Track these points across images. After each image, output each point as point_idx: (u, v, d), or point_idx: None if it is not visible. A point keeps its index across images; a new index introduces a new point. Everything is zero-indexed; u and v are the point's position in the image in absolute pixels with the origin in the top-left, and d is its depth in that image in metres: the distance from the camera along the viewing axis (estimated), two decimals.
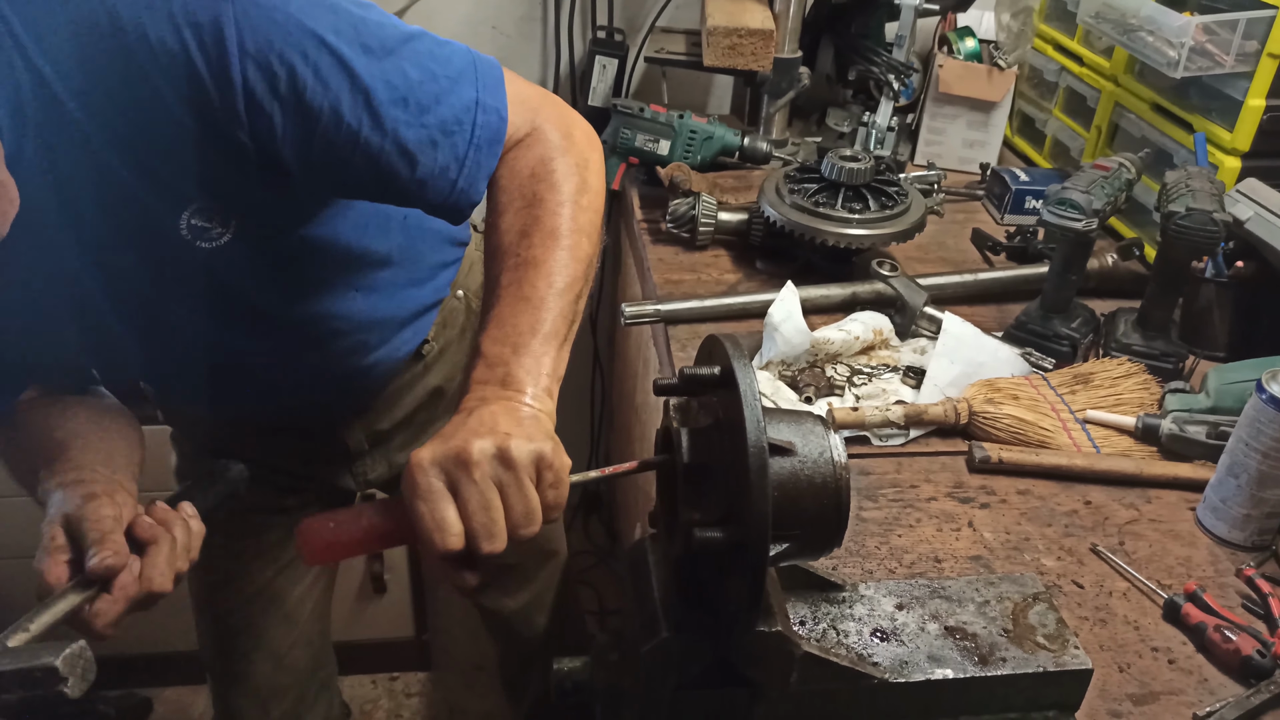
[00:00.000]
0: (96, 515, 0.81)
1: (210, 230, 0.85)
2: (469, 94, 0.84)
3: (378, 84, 0.79)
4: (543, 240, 0.83)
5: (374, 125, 0.80)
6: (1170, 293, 1.27)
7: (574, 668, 0.82)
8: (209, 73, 0.73)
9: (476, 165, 0.86)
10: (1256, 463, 1.00)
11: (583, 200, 0.86)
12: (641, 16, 1.96)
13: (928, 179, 1.71)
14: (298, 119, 0.78)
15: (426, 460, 0.71)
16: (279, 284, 0.96)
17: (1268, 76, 1.31)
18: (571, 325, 0.83)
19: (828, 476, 0.70)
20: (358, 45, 0.78)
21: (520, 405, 0.76)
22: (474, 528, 0.70)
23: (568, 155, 0.88)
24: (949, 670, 0.79)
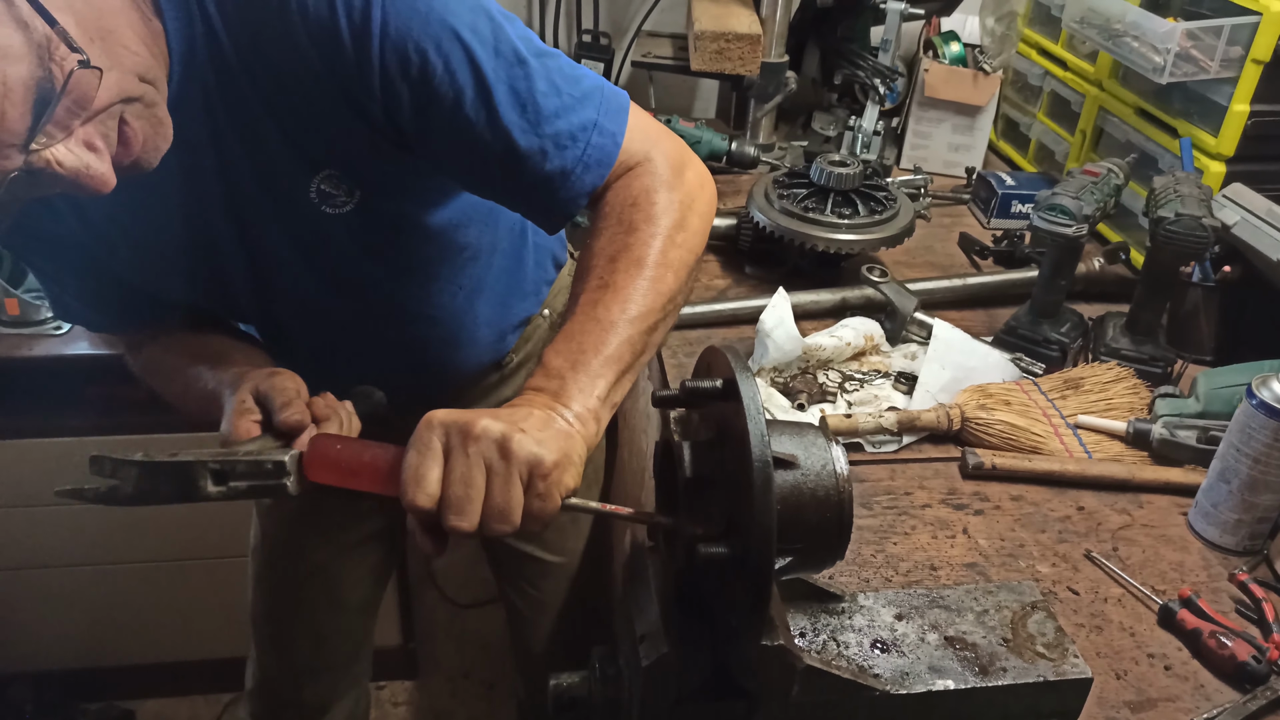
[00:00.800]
0: (282, 386, 0.88)
1: (336, 197, 0.91)
2: (589, 115, 0.87)
3: (501, 86, 0.83)
4: (627, 267, 0.84)
5: (489, 123, 0.84)
6: (1159, 297, 1.28)
7: (572, 682, 0.81)
8: (353, 48, 0.79)
9: (581, 181, 0.88)
10: (1247, 468, 1.00)
11: (678, 237, 0.87)
12: (627, 20, 1.95)
13: (914, 183, 1.71)
14: (423, 102, 0.83)
15: (436, 420, 0.72)
16: (388, 260, 1.01)
17: (1252, 82, 1.32)
18: (639, 356, 0.83)
19: (830, 489, 0.70)
20: (491, 47, 0.83)
21: (558, 417, 0.76)
22: (448, 495, 0.71)
23: (674, 191, 0.89)
24: (950, 681, 0.79)
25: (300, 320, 1.05)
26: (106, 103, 0.70)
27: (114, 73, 0.70)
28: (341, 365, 1.11)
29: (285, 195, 0.90)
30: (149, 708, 2.14)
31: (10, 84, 0.65)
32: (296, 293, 1.01)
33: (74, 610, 1.94)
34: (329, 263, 0.98)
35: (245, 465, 0.76)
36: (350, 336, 1.08)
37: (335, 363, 1.11)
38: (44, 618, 1.95)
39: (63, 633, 1.98)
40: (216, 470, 0.75)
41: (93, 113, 0.70)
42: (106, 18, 0.71)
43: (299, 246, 0.96)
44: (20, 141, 0.66)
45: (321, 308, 1.04)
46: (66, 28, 0.67)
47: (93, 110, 0.69)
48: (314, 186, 0.89)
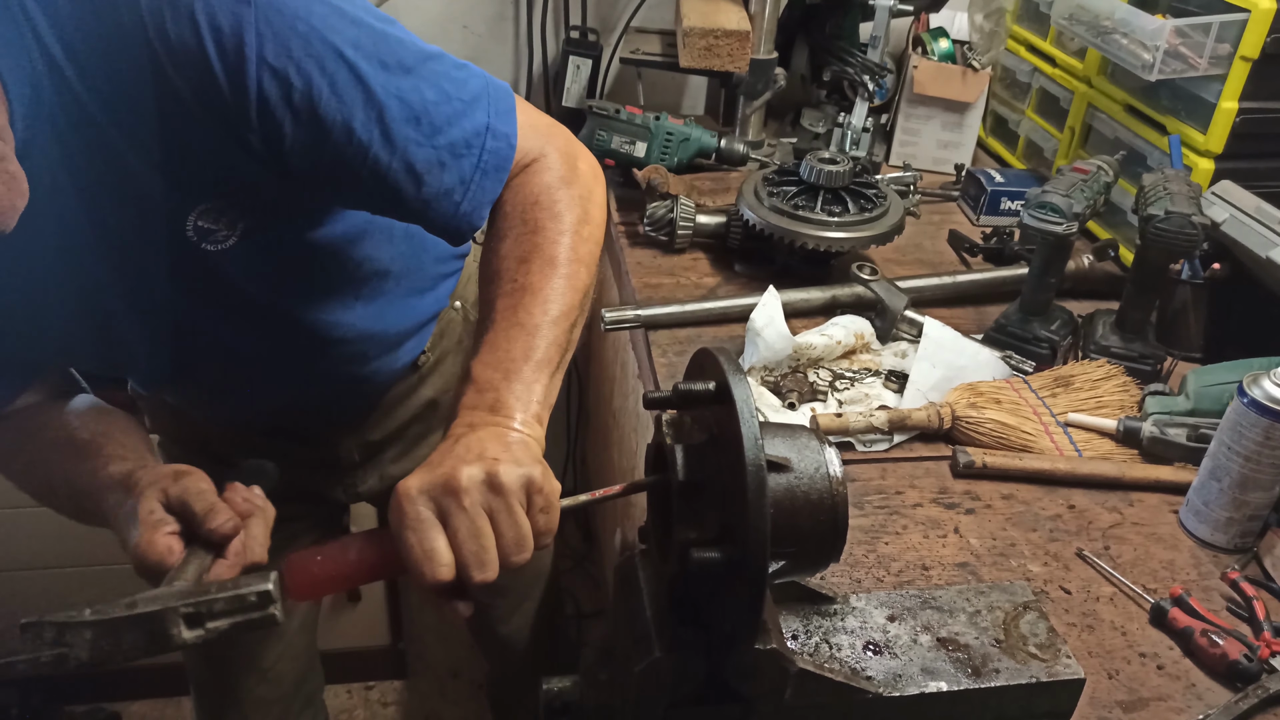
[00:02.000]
0: (197, 489, 0.82)
1: (216, 232, 0.84)
2: (481, 119, 0.85)
3: (392, 101, 0.79)
4: (541, 268, 0.82)
5: (384, 142, 0.80)
6: (1148, 295, 1.28)
7: (564, 687, 0.80)
8: (225, 76, 0.73)
9: (481, 190, 0.85)
10: (1238, 466, 1.00)
11: (584, 231, 0.86)
12: (615, 16, 1.94)
13: (904, 180, 1.71)
14: (309, 129, 0.77)
15: (414, 489, 0.70)
16: (282, 289, 0.96)
17: (1240, 79, 1.32)
18: (565, 354, 0.82)
19: (824, 492, 0.69)
20: (376, 61, 0.78)
21: (509, 430, 0.75)
22: (464, 557, 0.69)
23: (572, 186, 0.88)
24: (943, 683, 0.79)
25: (204, 361, 1.00)
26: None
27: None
28: (254, 399, 1.08)
29: (162, 235, 0.83)
30: (135, 710, 2.13)
31: None
32: (196, 334, 0.95)
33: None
34: (222, 299, 0.92)
35: (224, 603, 0.69)
36: (259, 369, 1.04)
37: (247, 398, 1.07)
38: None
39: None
40: (189, 614, 0.68)
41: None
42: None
43: (188, 286, 0.89)
44: None
45: (224, 345, 0.98)
46: None
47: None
48: (190, 224, 0.83)
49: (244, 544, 0.82)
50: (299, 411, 1.05)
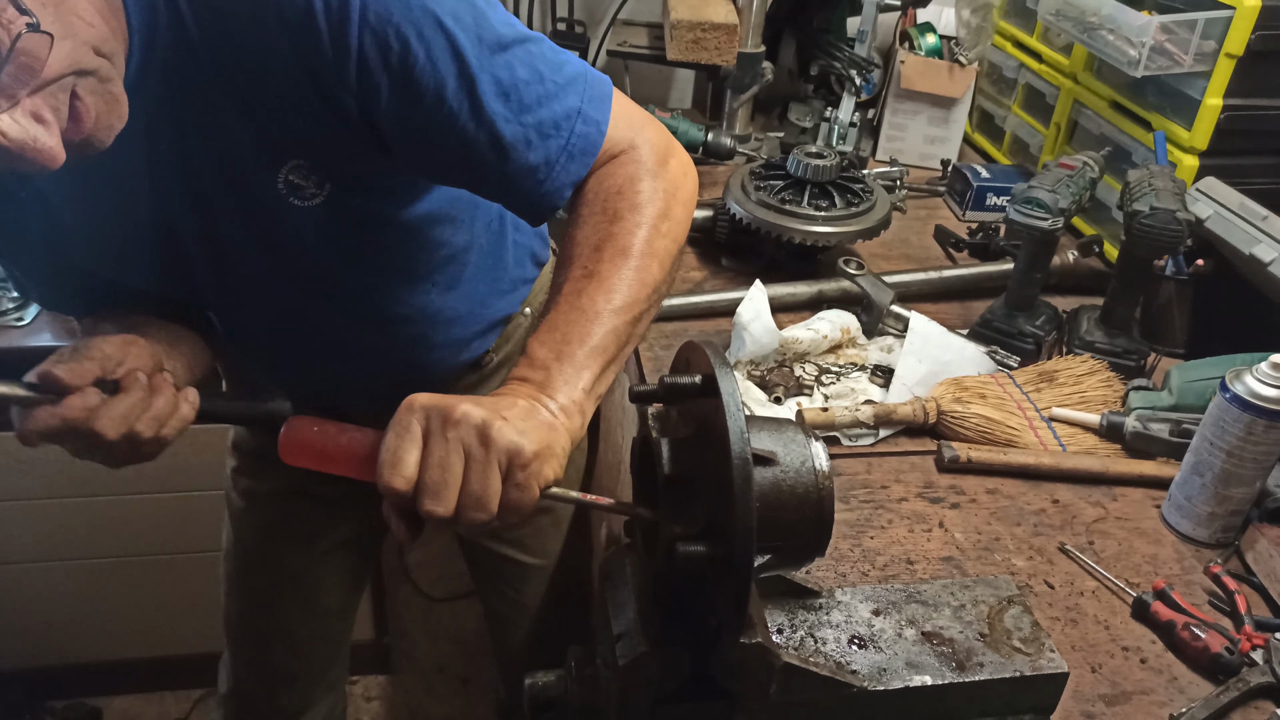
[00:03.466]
0: (90, 345, 0.82)
1: (305, 189, 0.87)
2: (573, 102, 0.85)
3: (484, 75, 0.80)
4: (612, 257, 0.82)
5: (473, 113, 0.81)
6: (1133, 290, 1.28)
7: (548, 682, 0.80)
8: (329, 35, 0.76)
9: (566, 171, 0.86)
10: (1221, 461, 1.01)
11: (662, 226, 0.85)
12: (602, 9, 1.93)
13: (890, 175, 1.71)
14: (403, 93, 0.79)
15: (417, 403, 0.71)
16: (359, 257, 0.97)
17: (1225, 76, 1.32)
18: (624, 346, 0.82)
19: (809, 486, 0.69)
20: (474, 35, 0.80)
21: (541, 408, 0.74)
22: (424, 480, 0.69)
23: (658, 179, 0.87)
24: (927, 677, 0.79)
25: (264, 316, 1.02)
26: (57, 73, 0.67)
27: (67, 42, 0.66)
28: (308, 364, 1.09)
29: (250, 186, 0.86)
30: (117, 705, 2.11)
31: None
32: (261, 287, 0.97)
33: (39, 607, 1.91)
34: (296, 257, 0.94)
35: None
36: (317, 335, 1.05)
37: (301, 361, 1.08)
38: (8, 615, 1.91)
39: (28, 630, 1.94)
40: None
41: (42, 82, 0.66)
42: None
43: (264, 239, 0.92)
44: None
45: (287, 304, 1.00)
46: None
47: (42, 80, 0.66)
48: (281, 177, 0.86)
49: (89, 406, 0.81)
50: (353, 385, 1.06)
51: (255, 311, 1.01)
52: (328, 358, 1.08)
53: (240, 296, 0.99)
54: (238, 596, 1.36)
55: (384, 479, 0.69)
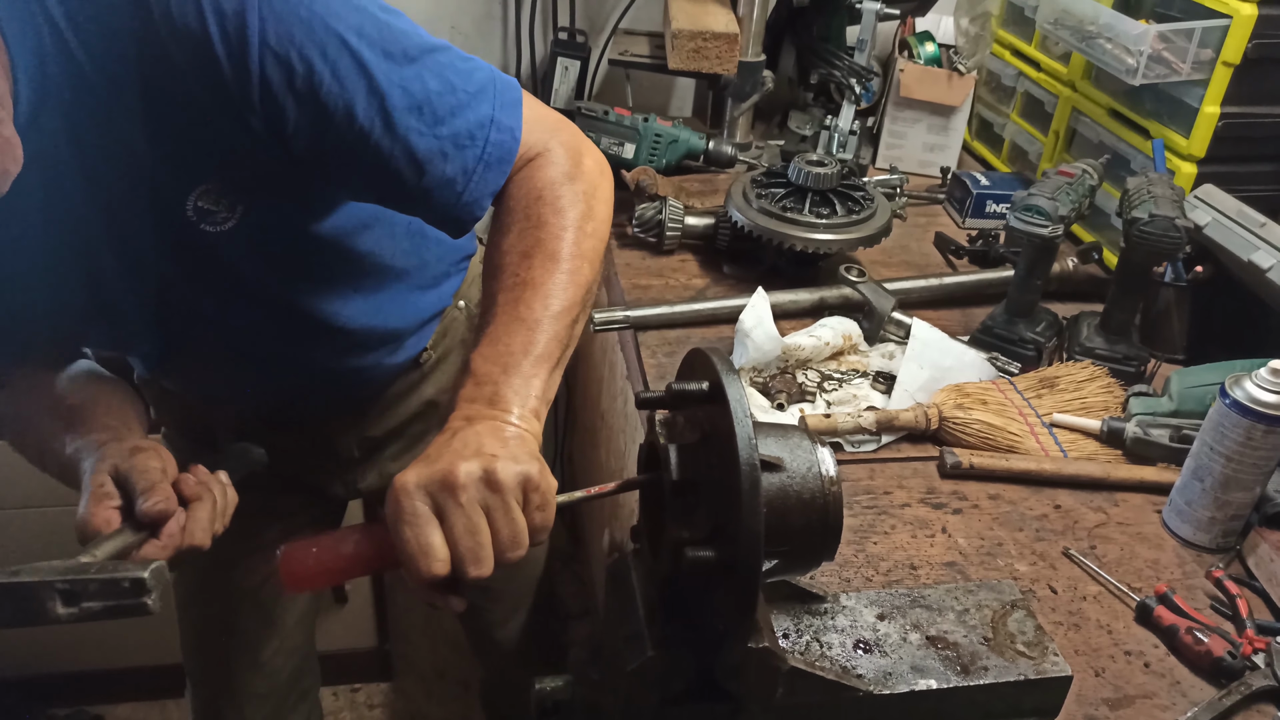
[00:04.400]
0: (145, 466, 0.83)
1: (216, 214, 0.85)
2: (485, 110, 0.85)
3: (394, 90, 0.79)
4: (543, 263, 0.82)
5: (385, 130, 0.80)
6: (1132, 297, 1.29)
7: (555, 686, 0.81)
8: (228, 59, 0.74)
9: (484, 181, 0.86)
10: (1220, 466, 1.01)
11: (587, 227, 0.86)
12: (603, 18, 1.94)
13: (890, 183, 1.72)
14: (311, 114, 0.78)
15: (411, 484, 0.70)
16: (279, 275, 0.96)
17: (1222, 84, 1.33)
18: (565, 349, 0.82)
19: (816, 492, 0.70)
20: (379, 49, 0.79)
21: (506, 425, 0.75)
22: (460, 553, 0.69)
23: (576, 181, 0.88)
24: (932, 681, 0.79)
25: (197, 341, 1.00)
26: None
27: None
28: (247, 383, 1.08)
29: (162, 214, 0.84)
30: (119, 713, 2.11)
31: None
32: (187, 314, 0.95)
33: None
34: (220, 281, 0.93)
35: (98, 585, 0.69)
36: (256, 355, 1.04)
37: (240, 381, 1.07)
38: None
39: (31, 638, 1.94)
40: (65, 591, 0.69)
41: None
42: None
43: (185, 266, 0.90)
44: None
45: (221, 328, 0.98)
46: None
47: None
48: (190, 204, 0.83)
49: (182, 526, 0.82)
50: (295, 400, 1.05)
51: (191, 338, 0.99)
52: (265, 374, 1.07)
53: (173, 326, 0.96)
54: (192, 623, 1.33)
55: (421, 572, 0.69)
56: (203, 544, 0.83)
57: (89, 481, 0.83)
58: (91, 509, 0.80)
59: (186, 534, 0.82)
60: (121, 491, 0.82)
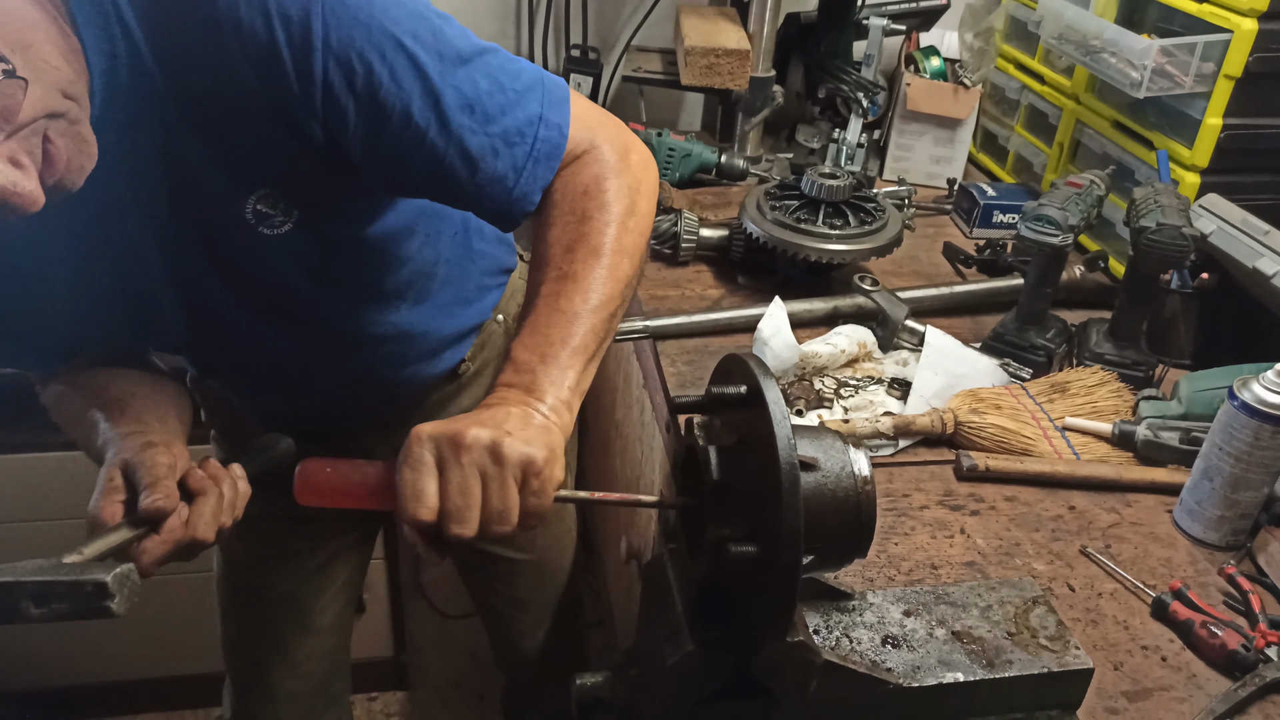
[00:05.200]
0: (152, 462, 0.84)
1: (273, 217, 0.88)
2: (534, 108, 0.88)
3: (448, 90, 0.83)
4: (585, 257, 0.85)
5: (440, 128, 0.83)
6: (1140, 304, 1.32)
7: (595, 683, 0.83)
8: (293, 64, 0.77)
9: (533, 176, 0.88)
10: (1230, 466, 1.05)
11: (629, 222, 0.89)
12: (614, 35, 1.98)
13: (898, 194, 1.75)
14: (370, 115, 0.81)
15: (425, 434, 0.74)
16: (329, 280, 0.98)
17: (1224, 96, 1.37)
18: (602, 342, 0.85)
19: (849, 491, 0.73)
20: (434, 52, 0.82)
21: (535, 413, 0.78)
22: (448, 507, 0.72)
23: (621, 176, 0.90)
24: (959, 674, 0.82)
25: (240, 345, 1.02)
26: (31, 117, 0.67)
27: (38, 86, 0.67)
28: (287, 389, 1.10)
29: (218, 218, 0.87)
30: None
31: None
32: (235, 318, 0.98)
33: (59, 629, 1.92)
34: (268, 285, 0.95)
35: (64, 587, 0.72)
36: (295, 359, 1.06)
37: (281, 387, 1.09)
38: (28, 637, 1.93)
39: (48, 651, 1.96)
40: (35, 594, 0.71)
41: (16, 127, 0.67)
42: (25, 31, 0.69)
43: (235, 270, 0.93)
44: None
45: (262, 331, 1.01)
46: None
47: (17, 124, 0.67)
48: (249, 207, 0.86)
49: (185, 521, 0.83)
50: (333, 407, 1.08)
51: (230, 343, 1.01)
52: (305, 380, 1.09)
53: (214, 331, 0.99)
54: (232, 621, 1.37)
55: (408, 513, 0.72)
56: (205, 538, 0.84)
57: (102, 474, 0.85)
58: (100, 502, 0.83)
59: (189, 527, 0.83)
60: (129, 486, 0.84)
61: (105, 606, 0.72)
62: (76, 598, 0.71)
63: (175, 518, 0.83)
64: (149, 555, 0.82)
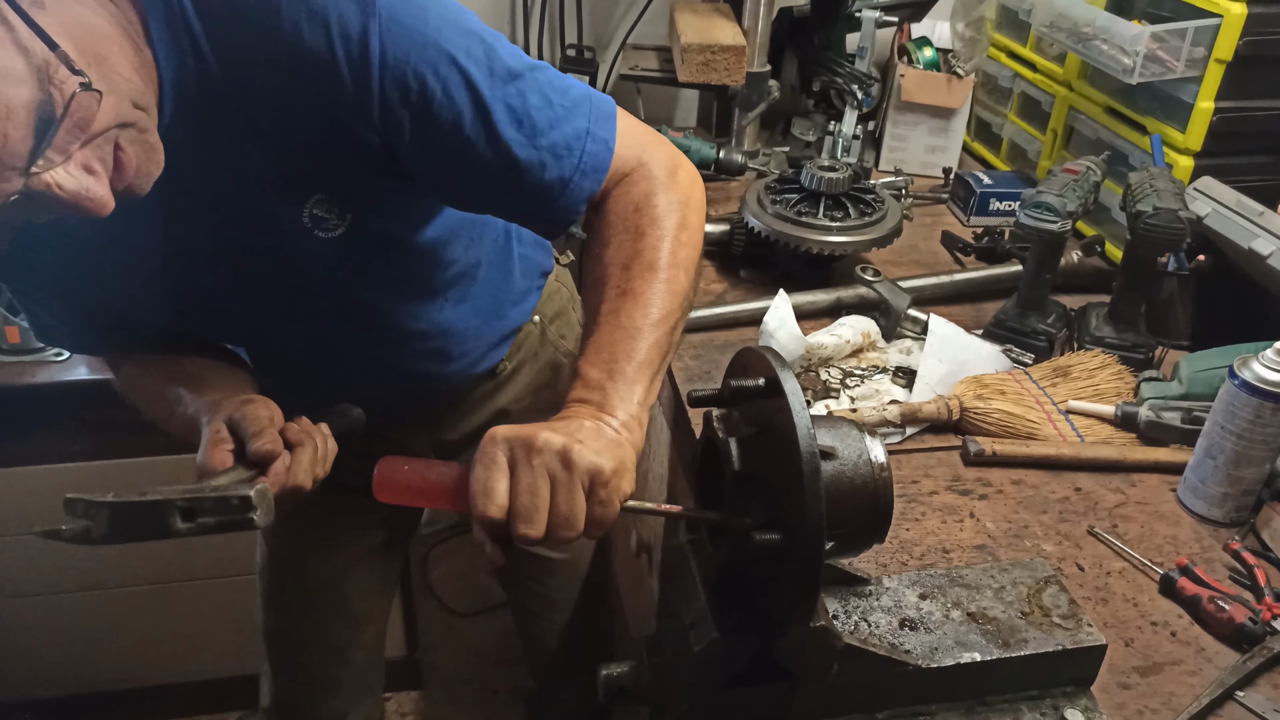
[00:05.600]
0: (255, 414, 0.89)
1: (328, 221, 0.92)
2: (581, 123, 0.91)
3: (498, 104, 0.86)
4: (642, 273, 0.88)
5: (489, 141, 0.86)
6: (1138, 287, 1.34)
7: (621, 672, 0.85)
8: (351, 79, 0.81)
9: (579, 189, 0.91)
10: (1232, 444, 1.07)
11: (682, 236, 0.91)
12: (609, 33, 2.00)
13: (896, 184, 1.77)
14: (423, 127, 0.85)
15: (500, 435, 0.77)
16: (378, 279, 1.02)
17: (1215, 80, 1.39)
18: (665, 356, 0.88)
19: (866, 477, 0.75)
20: (485, 68, 0.85)
21: (606, 427, 0.80)
22: (516, 507, 0.75)
23: (671, 191, 0.93)
24: (976, 654, 0.84)
25: (292, 341, 1.07)
26: (104, 126, 0.72)
27: (110, 97, 0.71)
28: (334, 384, 1.13)
29: (277, 221, 0.91)
30: None
31: (13, 107, 0.66)
32: (287, 315, 1.02)
33: (73, 636, 1.94)
34: (320, 285, 1.00)
35: (211, 502, 0.78)
36: (342, 355, 1.10)
37: (328, 381, 1.13)
38: (43, 644, 1.94)
39: (62, 659, 1.97)
40: (184, 508, 0.77)
41: (90, 136, 0.71)
42: (100, 44, 0.73)
43: (290, 270, 0.97)
44: (22, 165, 0.68)
45: (313, 329, 1.05)
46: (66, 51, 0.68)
47: (91, 133, 0.71)
48: (306, 212, 0.91)
49: (287, 466, 0.88)
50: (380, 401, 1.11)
51: (282, 338, 1.06)
52: (353, 377, 1.13)
53: (268, 325, 1.04)
54: (276, 609, 1.42)
55: (479, 509, 0.75)
56: (304, 484, 0.89)
57: (208, 431, 0.89)
58: (209, 452, 0.88)
59: (290, 474, 0.88)
60: (234, 437, 0.89)
61: (249, 518, 0.78)
62: (223, 510, 0.77)
63: (280, 463, 0.87)
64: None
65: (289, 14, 0.79)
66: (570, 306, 1.38)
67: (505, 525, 0.75)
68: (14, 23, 0.67)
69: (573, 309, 1.38)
